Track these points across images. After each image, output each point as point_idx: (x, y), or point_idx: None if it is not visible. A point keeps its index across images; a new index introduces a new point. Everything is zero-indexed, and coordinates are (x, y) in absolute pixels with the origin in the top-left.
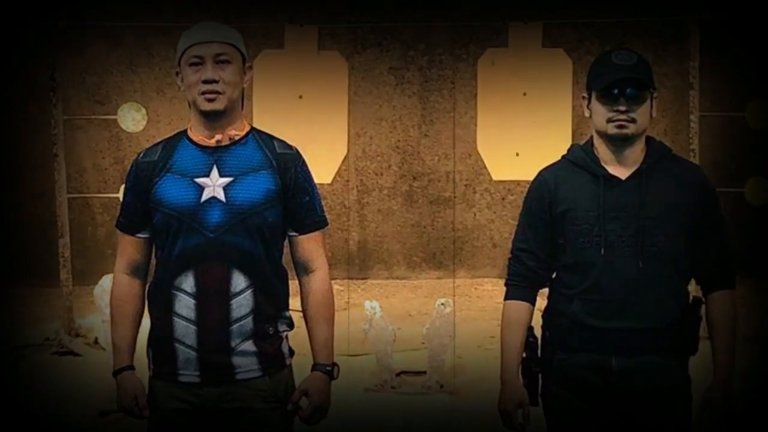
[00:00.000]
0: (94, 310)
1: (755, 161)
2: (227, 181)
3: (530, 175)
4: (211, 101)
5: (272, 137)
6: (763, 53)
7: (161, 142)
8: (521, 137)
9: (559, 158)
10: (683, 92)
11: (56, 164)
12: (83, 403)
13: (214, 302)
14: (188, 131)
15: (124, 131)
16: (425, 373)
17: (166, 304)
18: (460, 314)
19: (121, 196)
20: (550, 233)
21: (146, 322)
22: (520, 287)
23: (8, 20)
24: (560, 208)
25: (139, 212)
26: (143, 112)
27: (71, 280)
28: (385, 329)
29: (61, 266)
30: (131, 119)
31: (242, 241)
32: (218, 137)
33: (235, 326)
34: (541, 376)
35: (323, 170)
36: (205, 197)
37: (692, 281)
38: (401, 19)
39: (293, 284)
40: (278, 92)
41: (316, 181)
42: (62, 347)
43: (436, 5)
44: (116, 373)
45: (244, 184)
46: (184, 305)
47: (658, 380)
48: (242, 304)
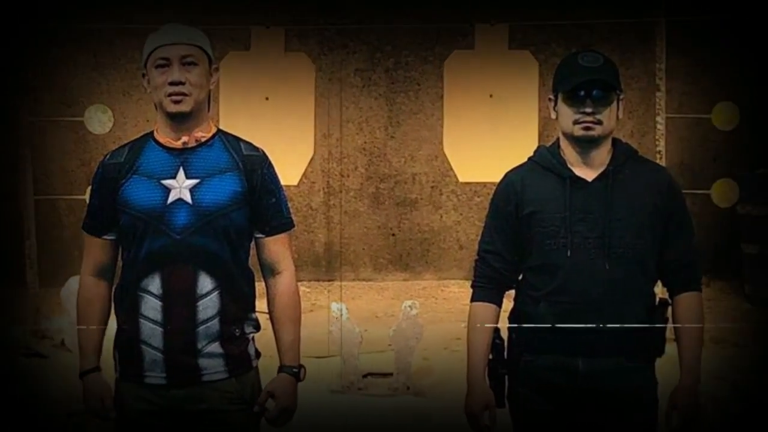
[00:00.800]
0: (60, 311)
1: (722, 163)
2: (194, 182)
3: (497, 176)
4: (177, 103)
5: (238, 139)
6: (729, 55)
7: (128, 143)
8: (487, 139)
9: (525, 160)
10: (650, 94)
11: (23, 166)
12: (50, 404)
13: (180, 304)
14: (154, 133)
15: (90, 133)
16: (392, 374)
17: (132, 305)
18: (426, 316)
19: (87, 197)
20: (516, 235)
21: (113, 323)
22: (486, 289)
23: None
24: (527, 209)
25: (105, 214)
26: (110, 114)
27: (37, 281)
28: (351, 331)
29: (27, 268)
30: (98, 121)
31: (209, 242)
32: (184, 139)
33: (201, 328)
34: (507, 377)
35: (290, 172)
36: (171, 199)
37: (659, 283)
38: (368, 21)
39: (260, 286)
40: (245, 94)
41: (282, 182)
42: (29, 349)
43: (402, 7)
44: (83, 374)
45: (210, 185)
46: (150, 307)
47: (624, 382)
48: (208, 306)
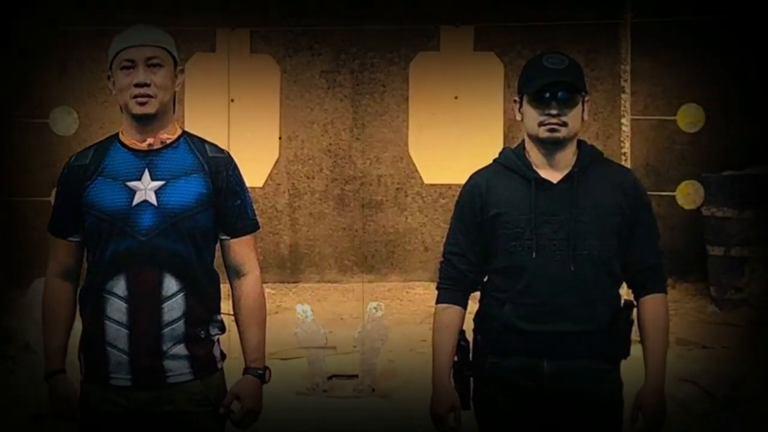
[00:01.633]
0: (25, 313)
1: (687, 165)
2: (159, 184)
3: (462, 178)
4: (142, 105)
5: (204, 141)
6: (694, 57)
7: (93, 145)
8: (453, 141)
9: (490, 162)
10: (615, 95)
11: None
12: (15, 407)
13: (145, 306)
14: (120, 135)
15: (55, 135)
16: (357, 376)
17: (97, 307)
18: (391, 318)
19: (52, 199)
20: (481, 237)
21: (78, 325)
22: (451, 291)
23: None
24: (492, 211)
25: (70, 216)
26: (75, 115)
27: (2, 283)
28: (316, 333)
29: None
30: (63, 123)
31: (174, 244)
32: (150, 141)
33: (166, 330)
34: (472, 379)
35: (255, 174)
36: (136, 201)
37: (624, 285)
38: (333, 22)
39: (225, 288)
40: (210, 96)
41: (247, 184)
42: None
43: (367, 9)
44: (48, 376)
45: (175, 187)
46: (115, 309)
47: (589, 384)
48: (174, 307)
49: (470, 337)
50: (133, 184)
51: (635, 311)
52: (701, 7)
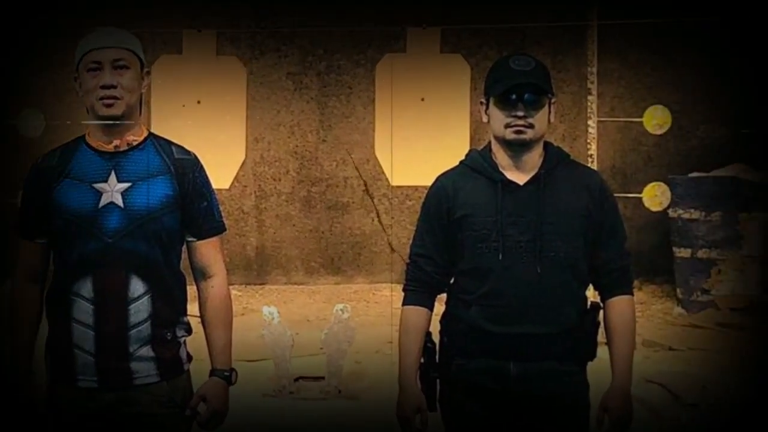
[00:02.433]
0: None
1: (653, 166)
2: (125, 186)
3: (428, 180)
4: (109, 106)
5: (170, 142)
6: (661, 59)
7: (59, 147)
8: (419, 142)
9: (457, 164)
10: (581, 97)
11: None
12: None
13: (112, 308)
14: (86, 136)
15: (21, 136)
16: (323, 378)
17: (64, 309)
18: (358, 319)
19: (19, 201)
20: (448, 238)
21: (44, 327)
22: (418, 292)
23: None
24: (458, 213)
25: (37, 217)
26: (42, 117)
27: None
28: (283, 334)
29: None
30: (30, 124)
31: (140, 246)
32: (116, 142)
33: (133, 331)
34: (439, 381)
35: (221, 175)
36: (103, 202)
37: (590, 286)
38: (300, 24)
39: (191, 289)
40: (176, 97)
41: (214, 186)
42: None
43: (334, 11)
44: (13, 378)
45: (142, 189)
46: (82, 311)
47: (556, 386)
48: (140, 309)
49: (437, 338)
50: (99, 185)
51: (602, 313)
52: (667, 9)
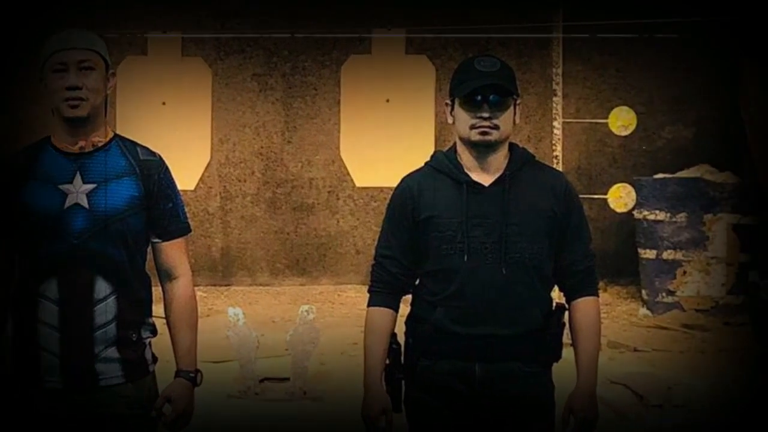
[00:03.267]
0: None
1: (618, 168)
2: (90, 187)
3: (393, 181)
4: (74, 108)
5: (135, 144)
6: (626, 60)
7: (24, 148)
8: (384, 144)
9: (422, 165)
10: (547, 98)
11: None
12: None
13: (77, 309)
14: (51, 138)
15: None
16: (288, 379)
17: (29, 310)
18: (323, 321)
19: None
20: (413, 240)
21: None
22: (383, 294)
23: None
24: (423, 214)
25: (1, 219)
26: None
27: None
28: (248, 336)
29: None
30: None
31: (106, 247)
32: (81, 144)
33: (98, 333)
34: (404, 382)
35: (186, 177)
36: (68, 204)
37: (555, 288)
38: (265, 26)
39: (156, 291)
40: (142, 99)
41: (179, 187)
42: None
43: (299, 12)
44: None
45: (107, 190)
46: (47, 312)
47: (521, 387)
48: (105, 310)
49: (402, 340)
50: (64, 187)
51: (567, 314)
52: (632, 11)
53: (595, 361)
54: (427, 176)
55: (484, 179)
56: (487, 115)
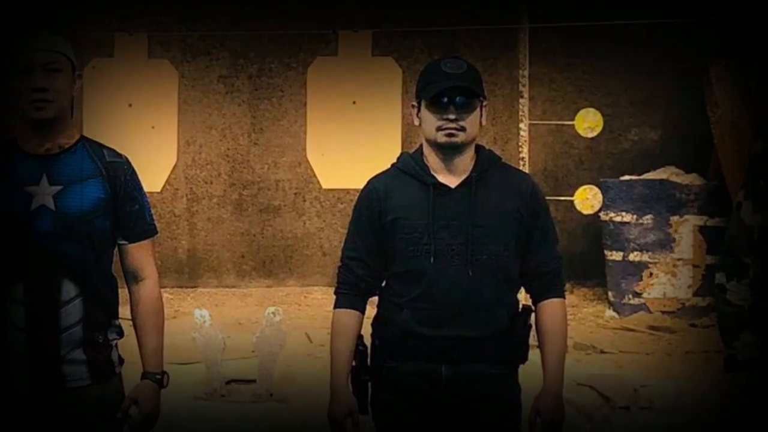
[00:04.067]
0: None
1: (585, 170)
2: (57, 189)
3: (360, 183)
4: (40, 109)
5: (102, 146)
6: (592, 62)
7: None
8: (351, 146)
9: (388, 167)
10: (513, 100)
11: None
12: None
13: (44, 310)
14: (17, 139)
15: None
16: (255, 381)
17: None
18: (289, 322)
19: None
20: (379, 241)
21: None
22: (349, 295)
23: None
24: (390, 216)
25: None
26: None
27: None
28: (214, 337)
29: None
30: None
31: (72, 249)
32: (48, 146)
33: (64, 334)
34: (370, 384)
35: (153, 179)
36: (34, 205)
37: (522, 289)
38: (231, 27)
39: (123, 292)
40: (108, 101)
41: (145, 189)
42: None
43: (265, 14)
44: None
45: (73, 192)
46: (14, 314)
47: (487, 389)
48: (72, 312)
49: (368, 341)
50: (31, 188)
51: (533, 316)
52: (598, 13)
53: (561, 362)
54: (393, 178)
55: (450, 181)
56: (453, 117)
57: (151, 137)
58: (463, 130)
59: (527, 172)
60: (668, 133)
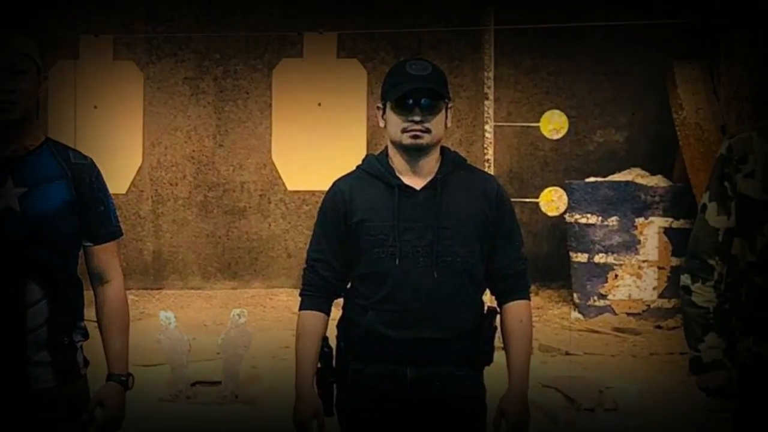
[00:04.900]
0: None
1: (550, 171)
2: (22, 191)
3: (325, 185)
4: (6, 111)
5: (67, 147)
6: (557, 64)
7: None
8: (316, 147)
9: (354, 168)
10: (478, 102)
11: None
12: None
13: (8, 312)
14: None
15: None
16: (220, 383)
17: None
18: (254, 324)
19: None
20: (345, 243)
21: None
22: (314, 297)
23: None
24: (355, 218)
25: None
26: None
27: None
28: (179, 339)
29: None
30: None
31: (37, 251)
32: (13, 147)
33: (29, 336)
34: (336, 386)
35: (118, 180)
36: None
37: (487, 291)
38: (196, 29)
39: (88, 294)
40: (73, 102)
41: (110, 191)
42: None
43: (230, 16)
44: None
45: (39, 194)
46: None
47: (453, 390)
48: (37, 314)
49: (333, 343)
50: None
51: (498, 318)
52: (563, 15)
53: (526, 364)
54: (358, 180)
55: (415, 183)
56: (418, 118)
57: (116, 139)
58: (428, 131)
59: (492, 173)
60: (633, 134)
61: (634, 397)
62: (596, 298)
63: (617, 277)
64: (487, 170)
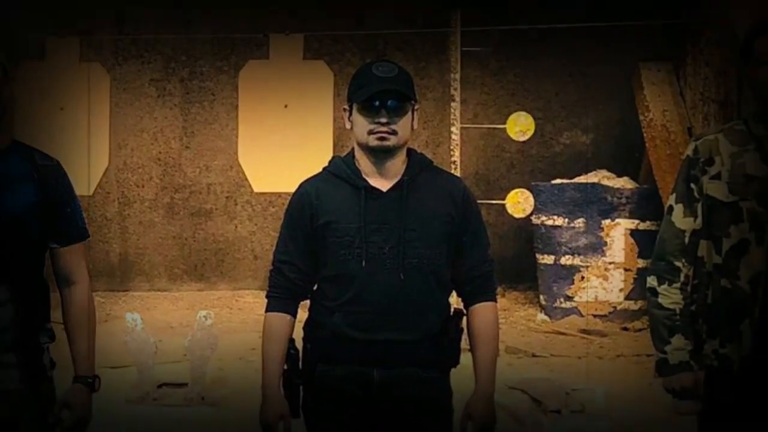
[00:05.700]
0: None
1: (516, 173)
2: None
3: (291, 187)
4: None
5: (33, 149)
6: (523, 65)
7: None
8: (282, 149)
9: (320, 170)
10: (445, 104)
11: None
12: None
13: None
14: None
15: None
16: (187, 384)
17: None
18: (221, 326)
19: None
20: (311, 245)
21: None
22: (281, 299)
23: None
24: (322, 220)
25: None
26: None
27: None
28: (146, 341)
29: None
30: None
31: (3, 252)
32: None
33: None
34: (302, 388)
35: (84, 182)
36: None
37: (453, 293)
38: (162, 31)
39: (54, 296)
40: (40, 104)
41: (77, 192)
42: None
43: (197, 17)
44: None
45: (5, 195)
46: None
47: (419, 392)
48: (3, 315)
49: (300, 345)
50: None
51: (465, 319)
52: (529, 17)
53: (493, 366)
54: (325, 182)
55: (382, 184)
56: (384, 120)
57: (82, 140)
58: (394, 133)
59: (459, 175)
60: (600, 136)
61: (600, 398)
62: (563, 299)
63: (584, 278)
64: (453, 172)
